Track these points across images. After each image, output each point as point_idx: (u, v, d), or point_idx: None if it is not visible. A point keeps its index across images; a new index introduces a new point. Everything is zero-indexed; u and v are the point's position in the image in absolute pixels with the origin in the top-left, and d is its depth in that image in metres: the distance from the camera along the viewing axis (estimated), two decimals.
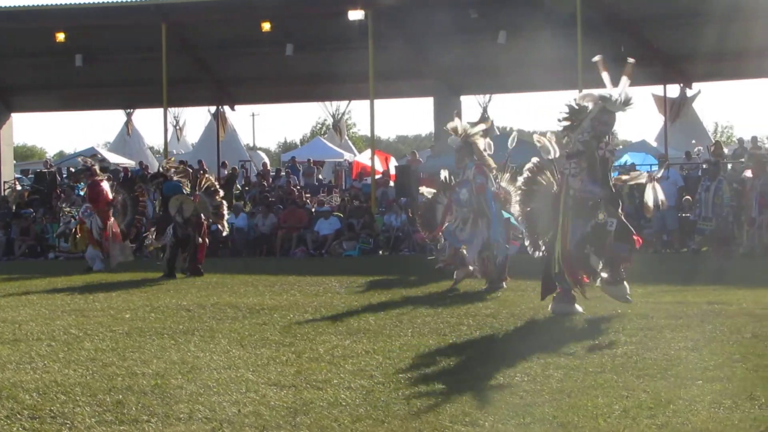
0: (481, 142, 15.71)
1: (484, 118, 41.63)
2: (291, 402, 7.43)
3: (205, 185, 20.98)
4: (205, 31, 37.10)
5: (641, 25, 32.95)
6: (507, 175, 16.02)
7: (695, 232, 22.89)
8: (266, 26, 34.32)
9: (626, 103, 11.91)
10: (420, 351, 9.56)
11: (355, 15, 32.49)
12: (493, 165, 15.76)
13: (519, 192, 13.18)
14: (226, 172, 38.31)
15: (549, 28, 32.20)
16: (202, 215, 20.30)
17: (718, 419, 6.64)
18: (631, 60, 12.07)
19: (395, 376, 8.33)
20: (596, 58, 12.01)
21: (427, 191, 17.45)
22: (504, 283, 15.52)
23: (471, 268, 15.90)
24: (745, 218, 22.43)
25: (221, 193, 21.31)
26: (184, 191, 20.42)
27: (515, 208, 13.63)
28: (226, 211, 21.38)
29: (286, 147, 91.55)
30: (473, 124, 16.19)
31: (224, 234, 22.86)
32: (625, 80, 11.91)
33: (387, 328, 11.27)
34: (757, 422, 6.52)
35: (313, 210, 30.73)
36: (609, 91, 11.87)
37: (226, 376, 8.50)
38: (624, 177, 13.23)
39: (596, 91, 12.02)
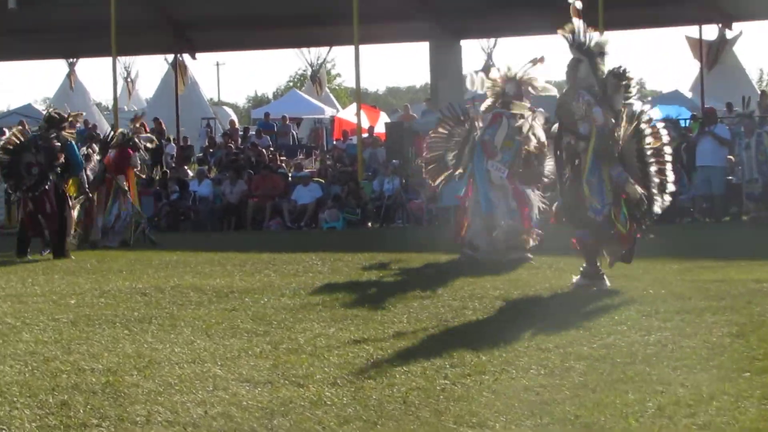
0: None
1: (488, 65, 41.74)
2: (267, 401, 7.42)
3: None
4: None
5: None
6: None
7: (745, 197, 22.90)
8: None
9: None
10: (417, 340, 9.57)
11: None
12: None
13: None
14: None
15: None
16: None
17: None
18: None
19: (389, 370, 8.32)
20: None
21: None
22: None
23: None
24: None
25: None
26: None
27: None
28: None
29: (257, 102, 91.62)
30: None
31: None
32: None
33: (378, 313, 11.27)
34: None
35: (289, 175, 30.68)
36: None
37: (190, 371, 8.49)
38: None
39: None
